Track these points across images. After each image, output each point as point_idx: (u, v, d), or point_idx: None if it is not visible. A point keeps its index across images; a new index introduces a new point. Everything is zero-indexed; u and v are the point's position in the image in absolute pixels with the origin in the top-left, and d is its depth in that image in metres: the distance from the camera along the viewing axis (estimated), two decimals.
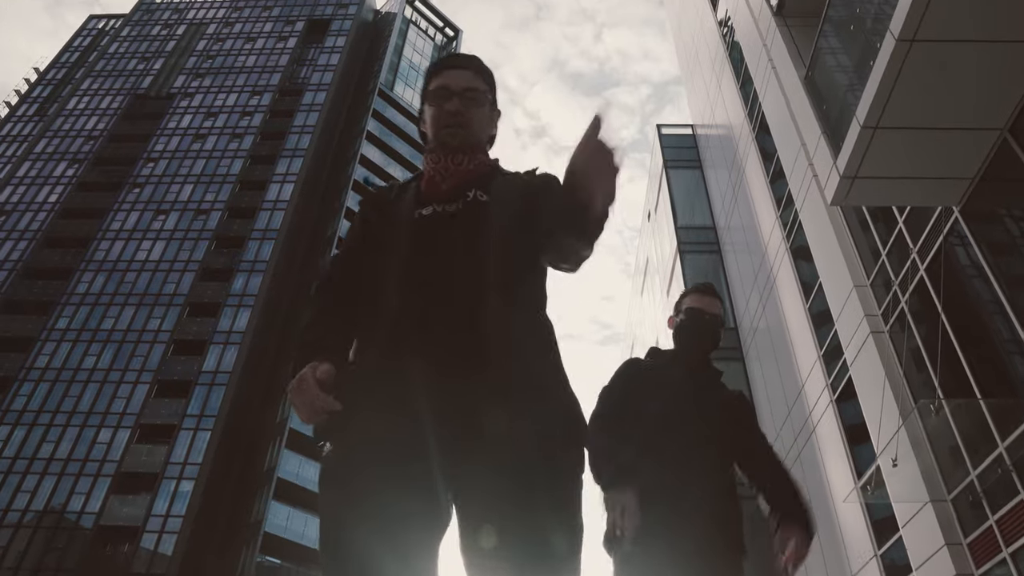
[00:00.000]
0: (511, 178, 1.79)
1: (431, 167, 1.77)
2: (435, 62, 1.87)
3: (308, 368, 1.46)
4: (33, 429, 35.93)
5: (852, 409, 12.54)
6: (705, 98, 24.10)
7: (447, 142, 1.75)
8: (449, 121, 1.75)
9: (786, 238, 15.77)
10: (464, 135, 1.76)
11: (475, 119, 1.78)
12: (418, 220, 1.67)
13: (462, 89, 1.77)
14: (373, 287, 1.66)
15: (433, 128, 1.79)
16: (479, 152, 1.80)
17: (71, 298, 42.05)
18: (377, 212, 1.78)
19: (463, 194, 1.70)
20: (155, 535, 32.29)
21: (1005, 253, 8.76)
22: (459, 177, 1.73)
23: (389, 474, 1.40)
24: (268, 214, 46.29)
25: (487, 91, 1.83)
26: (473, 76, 1.81)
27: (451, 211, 1.68)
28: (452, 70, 1.81)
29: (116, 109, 54.32)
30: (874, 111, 7.37)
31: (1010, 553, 8.36)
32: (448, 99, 1.77)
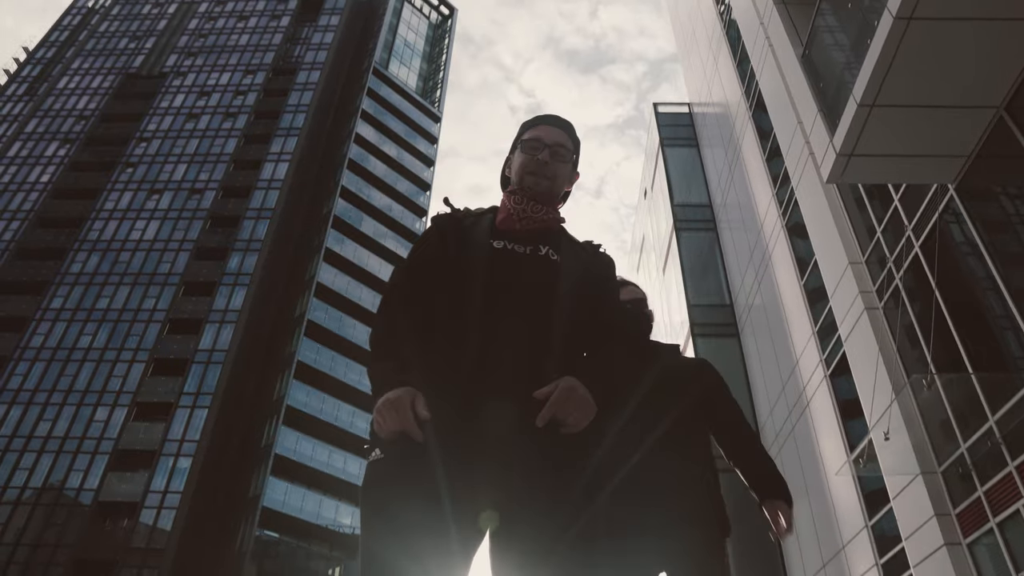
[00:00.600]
0: (578, 247, 1.98)
1: (511, 206, 1.93)
2: (534, 117, 2.07)
3: (407, 393, 1.58)
4: (30, 408, 36.02)
5: (846, 384, 12.73)
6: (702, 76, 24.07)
7: (531, 188, 1.94)
8: (536, 169, 1.94)
9: (782, 216, 15.88)
10: (547, 185, 1.94)
11: (559, 173, 1.97)
12: (492, 250, 1.83)
13: (554, 143, 1.97)
14: (450, 304, 1.77)
15: (519, 173, 1.97)
16: (555, 205, 1.99)
17: (65, 278, 41.95)
18: (452, 229, 1.91)
19: (536, 243, 1.87)
20: (154, 511, 32.55)
21: (999, 230, 8.88)
22: (535, 223, 1.91)
23: (418, 495, 1.54)
24: (263, 193, 46.12)
25: (573, 152, 2.02)
26: (565, 136, 2.00)
27: (520, 252, 1.84)
28: (547, 126, 2.01)
29: (107, 88, 53.82)
30: (871, 89, 7.43)
31: (997, 523, 8.57)
32: (540, 150, 1.95)
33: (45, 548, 31.53)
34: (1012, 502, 8.24)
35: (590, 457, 1.82)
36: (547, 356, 1.71)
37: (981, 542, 9.01)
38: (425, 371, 1.66)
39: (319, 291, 42.03)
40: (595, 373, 1.75)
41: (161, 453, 34.33)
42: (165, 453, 34.36)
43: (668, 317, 24.79)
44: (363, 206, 48.58)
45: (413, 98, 57.64)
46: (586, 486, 1.93)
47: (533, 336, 1.71)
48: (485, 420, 1.60)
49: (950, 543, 9.35)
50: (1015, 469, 8.19)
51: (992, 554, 8.79)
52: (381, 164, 51.87)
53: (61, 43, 62.21)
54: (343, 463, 37.78)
